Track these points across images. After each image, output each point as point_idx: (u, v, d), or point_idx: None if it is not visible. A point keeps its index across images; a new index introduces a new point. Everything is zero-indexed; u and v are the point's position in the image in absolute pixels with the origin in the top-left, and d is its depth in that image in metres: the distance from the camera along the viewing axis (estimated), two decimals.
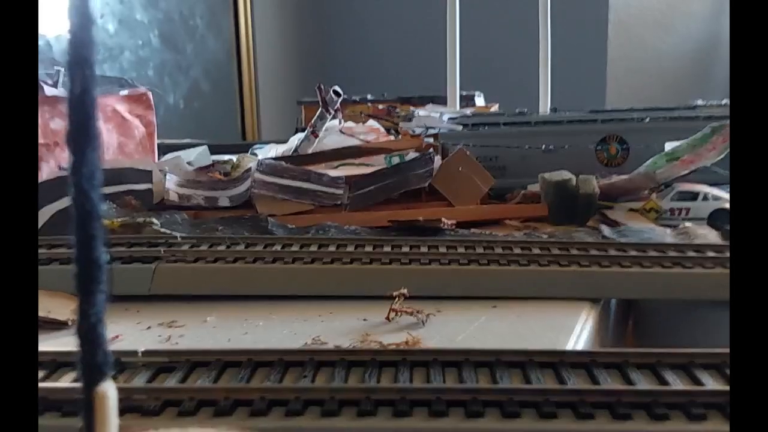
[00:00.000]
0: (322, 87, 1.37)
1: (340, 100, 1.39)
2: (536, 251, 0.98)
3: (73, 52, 0.30)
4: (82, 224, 0.32)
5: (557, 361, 0.61)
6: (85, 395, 0.32)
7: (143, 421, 0.53)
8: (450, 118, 1.58)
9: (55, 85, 1.36)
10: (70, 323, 0.80)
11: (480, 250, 0.98)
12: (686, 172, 1.26)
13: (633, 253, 0.96)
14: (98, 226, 0.32)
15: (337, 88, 1.39)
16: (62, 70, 1.41)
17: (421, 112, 1.65)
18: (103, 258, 0.32)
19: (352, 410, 0.54)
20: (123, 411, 0.33)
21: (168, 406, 0.55)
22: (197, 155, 1.68)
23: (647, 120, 1.42)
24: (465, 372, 0.60)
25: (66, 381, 0.59)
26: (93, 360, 0.32)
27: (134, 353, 0.62)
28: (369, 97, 2.25)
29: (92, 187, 0.32)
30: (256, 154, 1.67)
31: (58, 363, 0.62)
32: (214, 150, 1.79)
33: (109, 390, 0.32)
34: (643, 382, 0.58)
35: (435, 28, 2.30)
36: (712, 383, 0.57)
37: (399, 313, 0.82)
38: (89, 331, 0.32)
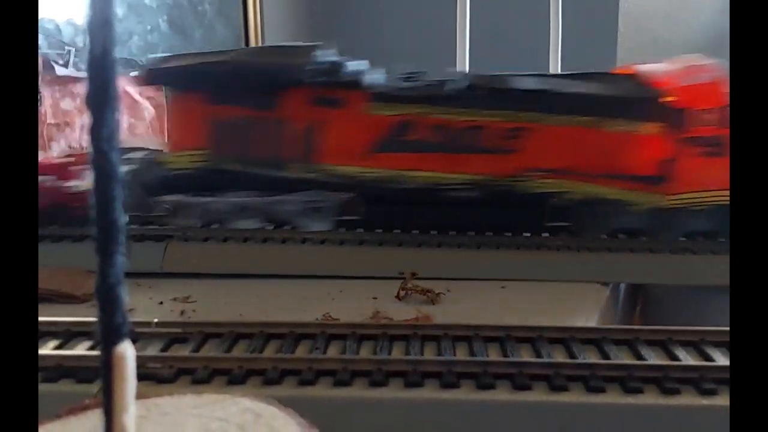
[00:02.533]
0: None
1: None
2: (546, 234, 0.98)
3: (93, 13, 0.30)
4: (100, 186, 0.32)
5: (568, 337, 0.61)
6: (104, 355, 0.33)
7: (157, 389, 0.53)
8: None
9: (65, 65, 1.36)
10: (82, 297, 0.80)
11: (489, 233, 0.98)
12: None
13: (643, 237, 0.96)
14: (117, 188, 0.32)
15: None
16: (73, 50, 1.41)
17: None
18: (122, 220, 0.32)
19: (364, 381, 0.55)
20: (137, 378, 0.33)
21: (182, 374, 0.56)
22: None
23: None
24: (475, 346, 0.60)
25: (80, 349, 0.60)
26: (112, 321, 0.33)
27: (148, 324, 0.62)
28: None
29: (111, 148, 0.32)
30: None
31: (72, 332, 0.62)
32: None
33: (127, 350, 0.32)
34: (654, 358, 0.58)
35: (446, 20, 2.28)
36: (723, 360, 0.57)
37: (409, 292, 0.82)
38: (108, 292, 0.32)
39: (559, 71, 2.41)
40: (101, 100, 0.31)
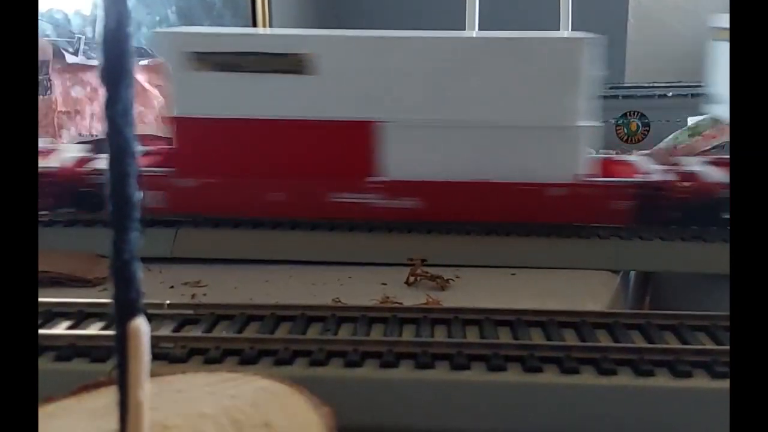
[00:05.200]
0: None
1: None
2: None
3: None
4: (115, 161, 0.32)
5: (579, 321, 0.61)
6: (119, 330, 0.33)
7: (170, 368, 0.54)
8: None
9: (75, 53, 1.37)
10: (93, 281, 0.81)
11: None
12: (708, 147, 1.25)
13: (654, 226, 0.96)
14: (132, 163, 0.32)
15: None
16: (83, 38, 1.41)
17: None
18: (136, 195, 0.32)
19: (374, 362, 0.55)
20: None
21: (194, 354, 0.56)
22: None
23: (670, 95, 1.41)
24: (486, 329, 0.60)
25: (93, 329, 0.60)
26: (126, 296, 0.33)
27: (160, 305, 0.63)
28: None
29: (126, 123, 0.32)
30: None
31: (85, 313, 0.63)
32: None
33: (142, 325, 0.33)
34: (666, 342, 0.58)
35: (454, 9, 2.27)
36: None
37: (418, 278, 0.82)
38: (123, 267, 0.32)
39: None
40: (116, 74, 0.31)
